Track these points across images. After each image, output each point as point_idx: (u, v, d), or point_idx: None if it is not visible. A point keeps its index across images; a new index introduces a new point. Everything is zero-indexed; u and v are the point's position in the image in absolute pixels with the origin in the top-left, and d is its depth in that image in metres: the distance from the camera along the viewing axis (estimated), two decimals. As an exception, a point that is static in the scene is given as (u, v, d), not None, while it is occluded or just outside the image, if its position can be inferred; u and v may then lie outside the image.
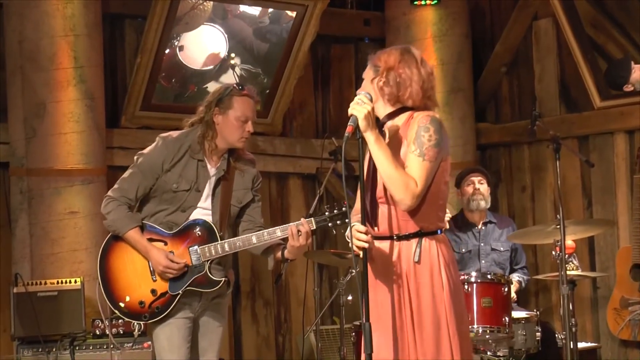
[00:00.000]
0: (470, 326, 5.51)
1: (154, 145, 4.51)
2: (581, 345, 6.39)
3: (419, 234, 3.82)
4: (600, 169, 7.29)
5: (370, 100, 3.76)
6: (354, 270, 3.80)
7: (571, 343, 5.56)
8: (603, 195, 7.35)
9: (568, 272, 5.60)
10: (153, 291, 4.43)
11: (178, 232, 4.45)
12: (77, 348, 5.80)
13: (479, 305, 5.58)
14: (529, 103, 7.75)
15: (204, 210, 4.47)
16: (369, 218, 3.80)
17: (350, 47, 8.04)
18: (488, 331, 5.57)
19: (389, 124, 3.89)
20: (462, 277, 5.60)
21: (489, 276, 5.70)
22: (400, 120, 3.88)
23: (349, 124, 3.71)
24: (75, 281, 5.97)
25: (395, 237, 3.83)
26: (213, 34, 7.05)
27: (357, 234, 3.70)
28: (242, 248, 4.45)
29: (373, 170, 3.84)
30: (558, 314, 6.85)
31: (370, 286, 3.75)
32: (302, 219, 4.34)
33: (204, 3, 6.90)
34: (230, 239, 4.45)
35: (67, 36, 6.40)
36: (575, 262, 6.10)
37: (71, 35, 6.41)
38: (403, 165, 3.76)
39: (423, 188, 3.76)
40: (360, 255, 3.71)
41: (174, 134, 4.53)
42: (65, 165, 6.40)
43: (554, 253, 5.61)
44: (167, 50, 6.90)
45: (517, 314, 5.93)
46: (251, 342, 7.53)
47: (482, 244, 6.48)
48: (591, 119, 7.36)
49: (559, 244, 5.53)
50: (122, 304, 4.45)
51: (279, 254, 4.48)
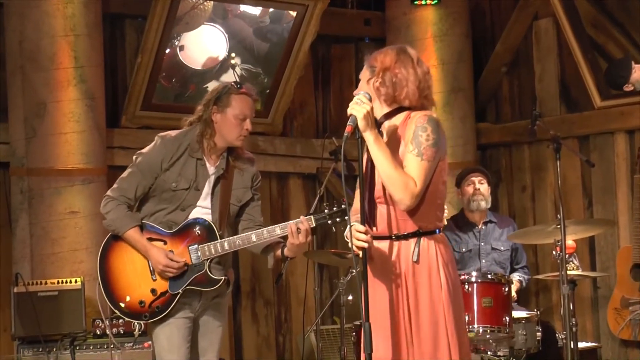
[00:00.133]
0: (470, 326, 5.51)
1: (152, 144, 4.51)
2: (581, 345, 6.38)
3: (418, 234, 3.82)
4: (600, 169, 7.29)
5: (370, 100, 3.76)
6: (354, 270, 3.79)
7: (571, 343, 5.56)
8: (603, 195, 7.35)
9: (568, 272, 5.60)
10: (153, 291, 4.43)
11: (177, 231, 4.45)
12: (78, 348, 5.79)
13: (480, 305, 5.57)
14: (529, 103, 7.75)
15: (203, 209, 4.47)
16: (367, 218, 3.80)
17: (350, 47, 8.04)
18: (488, 331, 5.56)
19: (387, 124, 3.89)
20: (463, 277, 5.60)
21: (489, 276, 5.69)
22: (397, 120, 3.87)
23: (348, 123, 3.71)
24: (75, 281, 5.97)
25: (393, 237, 3.83)
26: (213, 34, 7.04)
27: (357, 234, 3.70)
28: (242, 246, 4.44)
29: (371, 170, 3.84)
30: (558, 313, 6.84)
31: (369, 286, 3.74)
32: (302, 217, 4.34)
33: (204, 3, 6.90)
34: (230, 238, 4.44)
35: (68, 36, 6.40)
36: (575, 262, 6.09)
37: (71, 35, 6.41)
38: (401, 165, 3.76)
39: (422, 188, 3.75)
40: (360, 255, 3.71)
41: (173, 133, 4.53)
42: (66, 165, 6.39)
43: (554, 253, 5.60)
44: (168, 50, 6.90)
45: (518, 313, 5.93)
46: (251, 342, 7.53)
47: (483, 244, 6.47)
48: (591, 118, 7.36)
49: (559, 243, 5.53)
50: (123, 304, 4.45)
51: (279, 252, 4.47)
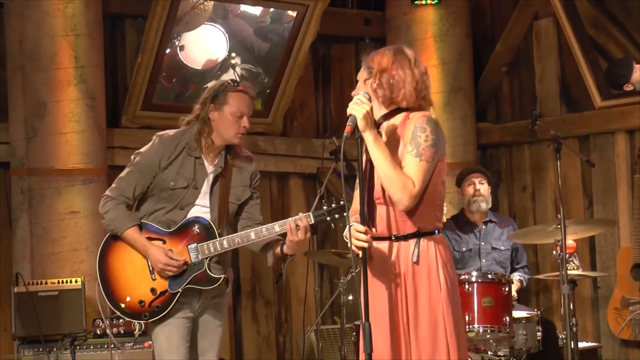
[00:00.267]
0: (471, 326, 5.51)
1: (150, 143, 4.51)
2: (582, 344, 6.38)
3: (417, 235, 3.82)
4: (600, 169, 7.29)
5: (369, 100, 3.76)
6: (354, 270, 3.79)
7: (572, 343, 5.56)
8: (604, 195, 7.34)
9: (569, 272, 5.60)
10: (153, 290, 4.43)
11: (176, 230, 4.45)
12: (78, 348, 5.79)
13: (480, 304, 5.56)
14: (529, 103, 7.75)
15: (202, 208, 4.47)
16: (367, 219, 3.80)
17: (350, 47, 8.04)
18: (489, 331, 5.55)
19: (385, 124, 3.88)
20: (463, 277, 5.60)
21: (489, 276, 5.68)
22: (396, 120, 3.87)
23: (347, 123, 3.71)
24: (76, 281, 5.97)
25: (393, 238, 3.83)
26: (214, 34, 7.04)
27: (357, 234, 3.70)
28: (241, 244, 4.44)
29: (370, 170, 3.84)
30: (559, 313, 6.84)
31: (369, 286, 3.73)
32: (300, 214, 4.34)
33: (205, 3, 6.90)
34: (229, 236, 4.44)
35: (68, 36, 6.40)
36: (576, 262, 6.08)
37: (72, 35, 6.41)
38: (400, 166, 3.76)
39: (421, 188, 3.75)
40: (360, 255, 3.71)
41: (171, 132, 4.53)
42: (66, 165, 6.39)
43: (554, 253, 5.60)
44: (168, 50, 6.90)
45: (518, 313, 5.92)
46: (252, 342, 7.53)
47: (483, 243, 6.47)
48: (592, 118, 7.36)
49: (559, 243, 5.53)
50: (123, 305, 4.45)
51: (278, 250, 4.48)
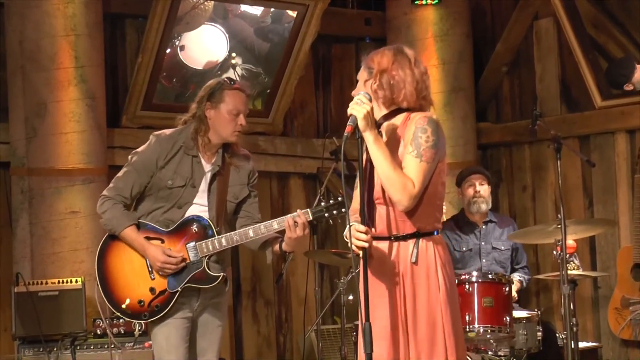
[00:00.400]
0: (471, 326, 5.51)
1: (147, 143, 4.52)
2: (582, 344, 6.38)
3: (416, 235, 3.82)
4: (601, 169, 7.29)
5: (370, 100, 3.76)
6: (354, 270, 3.79)
7: (572, 343, 5.55)
8: (604, 194, 7.34)
9: (569, 272, 5.60)
10: (152, 289, 4.43)
11: (175, 229, 4.45)
12: (78, 348, 5.79)
13: (480, 304, 5.56)
14: (529, 103, 7.74)
15: (200, 207, 4.47)
16: (366, 219, 3.79)
17: (351, 47, 8.03)
18: (489, 331, 5.55)
19: (386, 124, 3.88)
20: (463, 277, 5.60)
21: (490, 276, 5.68)
22: (397, 120, 3.87)
23: (348, 123, 3.71)
24: (76, 281, 5.97)
25: (392, 238, 3.83)
26: (214, 34, 7.04)
27: (357, 234, 3.70)
28: (240, 242, 4.44)
29: (370, 170, 3.84)
30: (559, 313, 6.84)
31: (368, 286, 3.73)
32: (299, 211, 4.34)
33: (205, 3, 6.90)
34: (227, 234, 4.44)
35: (68, 36, 6.40)
36: (576, 262, 6.08)
37: (72, 35, 6.41)
38: (400, 166, 3.76)
39: (420, 189, 3.75)
40: (360, 255, 3.71)
41: (167, 131, 4.54)
42: (66, 164, 6.39)
43: (555, 253, 5.60)
44: (168, 50, 6.90)
45: (518, 313, 5.92)
46: (252, 342, 7.53)
47: (483, 243, 6.47)
48: (592, 118, 7.36)
49: (559, 243, 5.52)
50: (123, 305, 4.44)
51: (277, 247, 4.48)
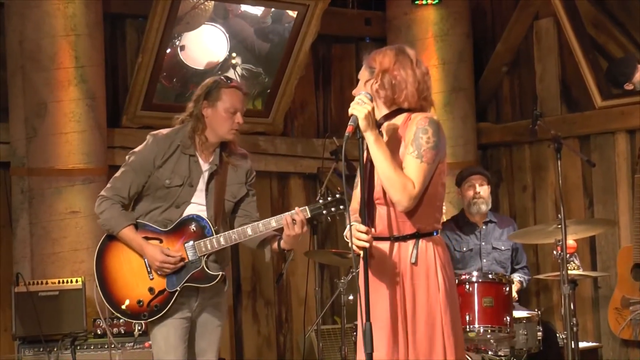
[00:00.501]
0: (471, 326, 5.51)
1: (144, 143, 4.52)
2: (582, 344, 6.38)
3: (416, 236, 3.82)
4: (601, 169, 7.29)
5: (371, 100, 3.76)
6: (354, 270, 3.79)
7: (572, 343, 5.56)
8: (604, 194, 7.34)
9: (569, 272, 5.60)
10: (151, 289, 4.42)
11: (173, 229, 4.44)
12: (78, 348, 5.79)
13: (480, 304, 5.56)
14: (530, 103, 7.75)
15: (198, 206, 4.46)
16: (366, 219, 3.79)
17: (351, 47, 8.03)
18: (489, 331, 5.55)
19: (386, 125, 3.88)
20: (464, 277, 5.60)
21: (490, 276, 5.68)
22: (398, 121, 3.87)
23: (349, 123, 3.72)
24: (76, 281, 5.97)
25: (392, 238, 3.83)
26: (214, 34, 7.04)
27: (358, 234, 3.70)
28: (238, 241, 4.43)
29: (370, 170, 3.84)
30: (559, 313, 6.84)
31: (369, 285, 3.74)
32: (297, 208, 4.33)
33: (205, 3, 6.90)
34: (226, 232, 4.43)
35: (68, 36, 6.40)
36: (576, 262, 6.09)
37: (72, 35, 6.41)
38: (401, 166, 3.76)
39: (420, 189, 3.75)
40: (361, 255, 3.71)
41: (164, 131, 4.54)
42: (66, 164, 6.39)
43: (555, 253, 5.60)
44: (168, 50, 6.90)
45: (519, 313, 5.92)
46: (252, 342, 7.53)
47: (483, 243, 6.47)
48: (592, 118, 7.36)
49: (560, 243, 5.53)
50: (122, 306, 4.44)
51: (275, 245, 4.48)
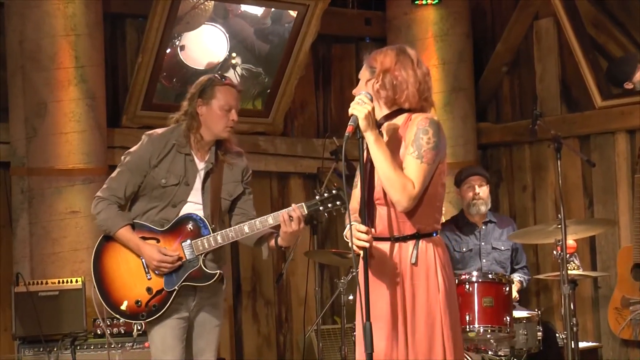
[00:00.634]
0: (471, 326, 5.51)
1: (140, 143, 4.53)
2: (582, 344, 6.38)
3: (416, 236, 3.82)
4: (601, 169, 7.29)
5: (371, 100, 3.76)
6: (354, 270, 3.79)
7: (572, 343, 5.56)
8: (604, 194, 7.34)
9: (569, 272, 5.60)
10: (149, 289, 4.42)
11: (170, 228, 4.44)
12: (78, 348, 5.79)
13: (480, 304, 5.56)
14: (530, 102, 7.75)
15: (195, 205, 4.46)
16: (366, 219, 3.79)
17: (351, 47, 8.03)
18: (489, 331, 5.55)
19: (387, 125, 3.88)
20: (464, 277, 5.60)
21: (490, 276, 5.68)
22: (398, 121, 3.87)
23: (349, 123, 3.71)
24: (76, 281, 5.97)
25: (392, 239, 3.83)
26: (214, 34, 7.04)
27: (358, 234, 3.70)
28: (235, 239, 4.43)
29: (370, 171, 3.84)
30: (559, 313, 6.84)
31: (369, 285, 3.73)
32: (293, 205, 4.33)
33: (205, 3, 6.90)
34: (223, 231, 4.43)
35: (68, 36, 6.40)
36: (576, 262, 6.09)
37: (72, 35, 6.41)
38: (401, 166, 3.76)
39: (420, 190, 3.75)
40: (361, 255, 3.71)
41: (159, 130, 4.54)
42: (66, 164, 6.39)
43: (555, 253, 5.60)
44: (168, 50, 6.90)
45: (519, 313, 5.92)
46: (252, 342, 7.53)
47: (483, 243, 6.47)
48: (592, 118, 7.36)
49: (560, 243, 5.53)
50: (121, 307, 4.43)
51: (273, 243, 4.47)
